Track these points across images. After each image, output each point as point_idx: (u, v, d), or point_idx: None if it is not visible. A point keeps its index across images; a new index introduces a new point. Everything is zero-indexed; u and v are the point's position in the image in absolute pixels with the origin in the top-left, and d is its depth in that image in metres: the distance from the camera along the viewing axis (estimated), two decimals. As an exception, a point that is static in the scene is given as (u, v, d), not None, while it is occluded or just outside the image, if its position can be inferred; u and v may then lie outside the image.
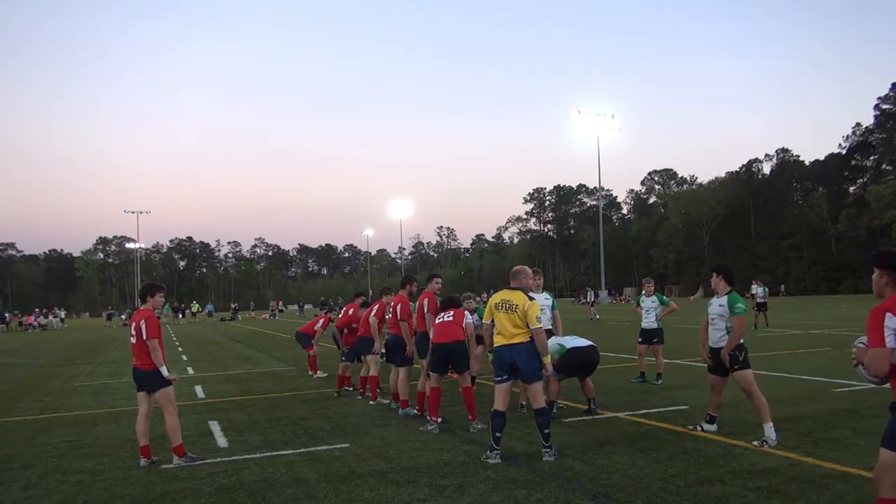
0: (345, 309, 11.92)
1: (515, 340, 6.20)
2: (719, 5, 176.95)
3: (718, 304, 6.67)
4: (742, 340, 6.55)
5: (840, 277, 75.19)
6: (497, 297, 6.46)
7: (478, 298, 9.89)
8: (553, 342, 7.83)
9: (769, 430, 6.26)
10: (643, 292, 11.15)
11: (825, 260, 79.64)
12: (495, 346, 6.36)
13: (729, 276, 6.79)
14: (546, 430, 6.11)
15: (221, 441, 7.49)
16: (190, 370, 15.62)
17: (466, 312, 8.21)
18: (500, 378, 6.30)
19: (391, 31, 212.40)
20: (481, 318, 9.24)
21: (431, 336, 7.86)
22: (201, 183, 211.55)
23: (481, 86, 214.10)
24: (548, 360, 6.31)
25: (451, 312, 7.94)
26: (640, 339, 10.93)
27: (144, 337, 6.42)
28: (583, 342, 8.08)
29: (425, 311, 8.28)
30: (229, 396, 11.10)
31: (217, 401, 10.70)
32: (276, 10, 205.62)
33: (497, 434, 6.12)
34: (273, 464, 6.35)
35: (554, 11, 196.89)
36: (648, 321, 10.82)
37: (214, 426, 8.32)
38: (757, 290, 23.51)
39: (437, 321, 7.91)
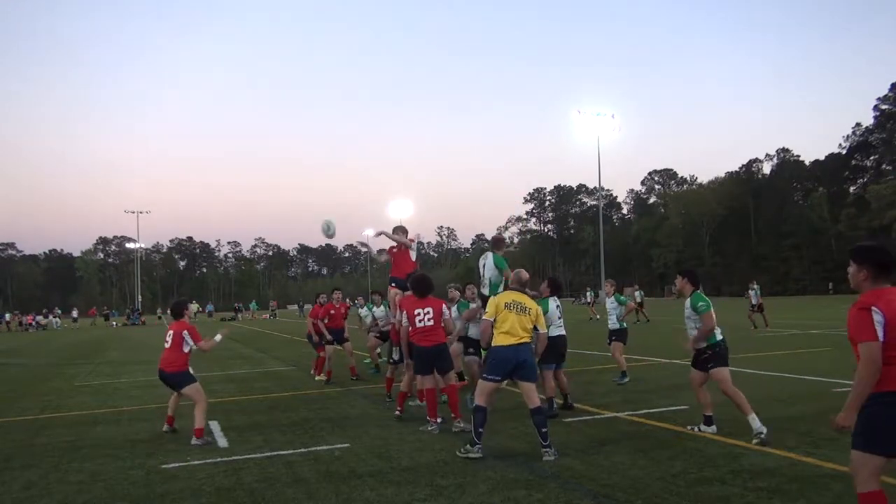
0: (338, 309, 12.78)
1: (522, 341, 6.33)
2: (720, 5, 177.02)
3: (686, 307, 6.92)
4: (721, 338, 6.72)
5: (840, 277, 74.91)
6: (507, 297, 6.50)
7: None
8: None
9: (754, 422, 6.33)
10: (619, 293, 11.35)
11: (825, 260, 79.57)
12: (499, 344, 6.36)
13: (693, 278, 6.99)
14: (544, 430, 6.13)
15: (221, 441, 7.48)
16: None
17: (444, 307, 7.86)
18: (495, 377, 6.34)
19: (391, 31, 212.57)
20: (460, 313, 9.34)
21: (412, 338, 7.66)
22: (201, 183, 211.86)
23: (482, 86, 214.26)
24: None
25: (430, 310, 7.59)
26: (608, 341, 11.08)
27: (192, 344, 7.74)
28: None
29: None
30: (229, 396, 11.10)
31: (217, 401, 10.67)
32: (277, 9, 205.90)
33: (479, 430, 6.19)
34: (273, 464, 6.34)
35: (554, 11, 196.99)
36: (612, 322, 10.97)
37: (214, 426, 8.30)
38: (751, 291, 23.73)
39: (416, 322, 7.58)
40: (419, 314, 7.60)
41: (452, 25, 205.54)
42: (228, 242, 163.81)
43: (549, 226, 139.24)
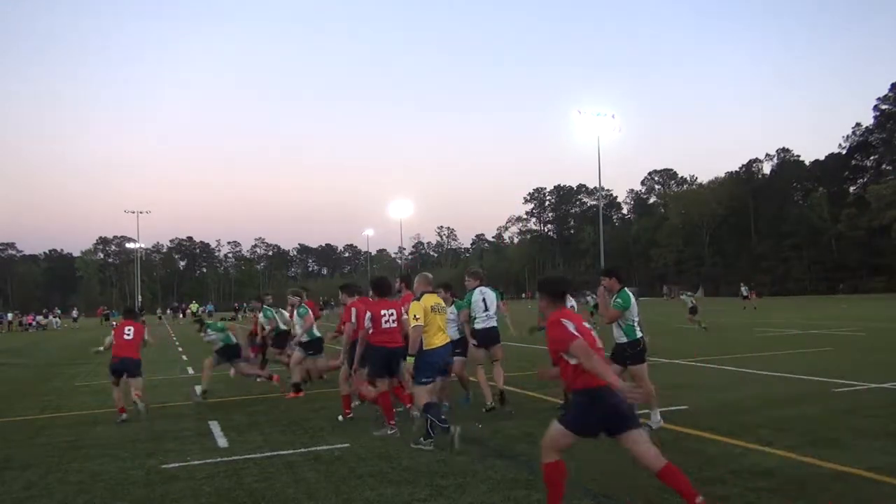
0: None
1: (448, 340, 6.84)
2: (720, 5, 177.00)
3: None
4: (640, 336, 7.00)
5: (840, 277, 75.22)
6: (431, 301, 6.82)
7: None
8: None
9: (654, 415, 7.07)
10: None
11: (825, 260, 79.63)
12: (433, 347, 6.64)
13: (619, 275, 7.34)
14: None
15: (221, 441, 7.48)
16: (190, 370, 15.61)
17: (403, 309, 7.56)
18: (430, 379, 6.68)
19: (391, 30, 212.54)
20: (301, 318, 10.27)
21: (375, 339, 7.31)
22: (201, 183, 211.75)
23: (482, 86, 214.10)
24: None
25: (393, 312, 7.37)
26: None
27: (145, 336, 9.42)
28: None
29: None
30: (229, 396, 11.10)
31: (217, 401, 10.70)
32: (276, 9, 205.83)
33: (443, 417, 6.54)
34: (273, 464, 6.34)
35: (554, 11, 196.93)
36: None
37: (214, 426, 8.31)
38: (683, 296, 23.47)
39: (382, 324, 7.27)
40: (384, 315, 7.36)
41: (453, 25, 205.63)
42: (228, 242, 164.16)
43: (549, 226, 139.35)
